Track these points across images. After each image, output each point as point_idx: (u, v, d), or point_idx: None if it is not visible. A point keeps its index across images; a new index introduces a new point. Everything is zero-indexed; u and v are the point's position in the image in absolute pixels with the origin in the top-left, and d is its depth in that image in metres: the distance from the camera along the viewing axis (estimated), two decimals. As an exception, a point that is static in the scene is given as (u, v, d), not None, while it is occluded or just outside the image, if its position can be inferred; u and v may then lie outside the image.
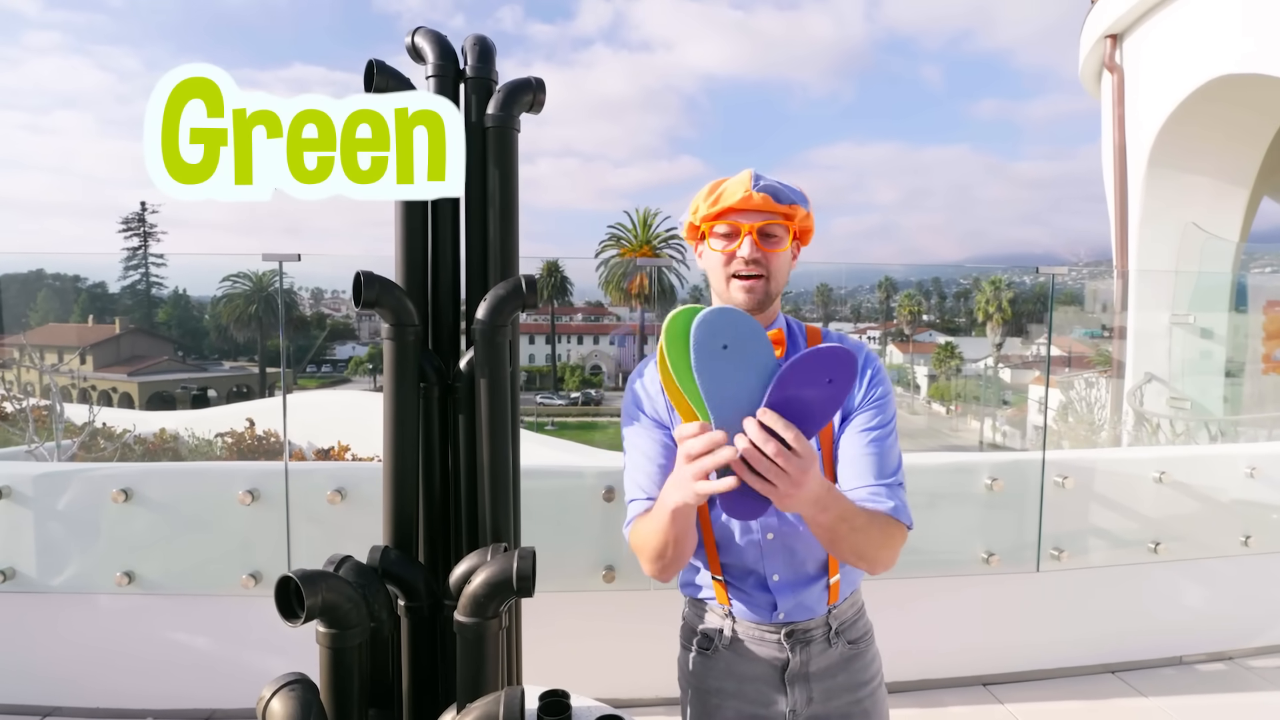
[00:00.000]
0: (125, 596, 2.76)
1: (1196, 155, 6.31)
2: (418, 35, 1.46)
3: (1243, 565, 3.32)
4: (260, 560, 2.74)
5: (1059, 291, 3.53)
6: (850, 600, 1.34)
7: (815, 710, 1.29)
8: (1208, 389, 6.24)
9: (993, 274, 39.52)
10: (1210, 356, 6.19)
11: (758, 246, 1.19)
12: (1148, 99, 6.52)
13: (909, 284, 74.28)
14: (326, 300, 73.67)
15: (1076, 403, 8.09)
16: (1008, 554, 3.05)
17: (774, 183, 1.20)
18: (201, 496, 2.75)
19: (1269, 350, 6.10)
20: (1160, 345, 6.28)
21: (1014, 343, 42.49)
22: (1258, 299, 6.25)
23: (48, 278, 36.31)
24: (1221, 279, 6.28)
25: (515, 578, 1.03)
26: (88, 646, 2.81)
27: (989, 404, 19.30)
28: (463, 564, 1.24)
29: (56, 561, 2.74)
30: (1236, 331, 6.41)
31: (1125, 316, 6.58)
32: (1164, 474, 3.20)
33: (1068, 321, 10.94)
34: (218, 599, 2.78)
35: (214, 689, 2.81)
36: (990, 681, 3.10)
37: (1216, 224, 6.39)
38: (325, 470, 2.75)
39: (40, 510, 2.74)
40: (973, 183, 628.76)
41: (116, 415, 5.95)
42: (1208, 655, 3.32)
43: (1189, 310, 6.10)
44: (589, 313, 57.88)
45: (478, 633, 1.06)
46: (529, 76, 1.43)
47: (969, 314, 57.65)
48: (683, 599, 1.44)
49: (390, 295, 1.26)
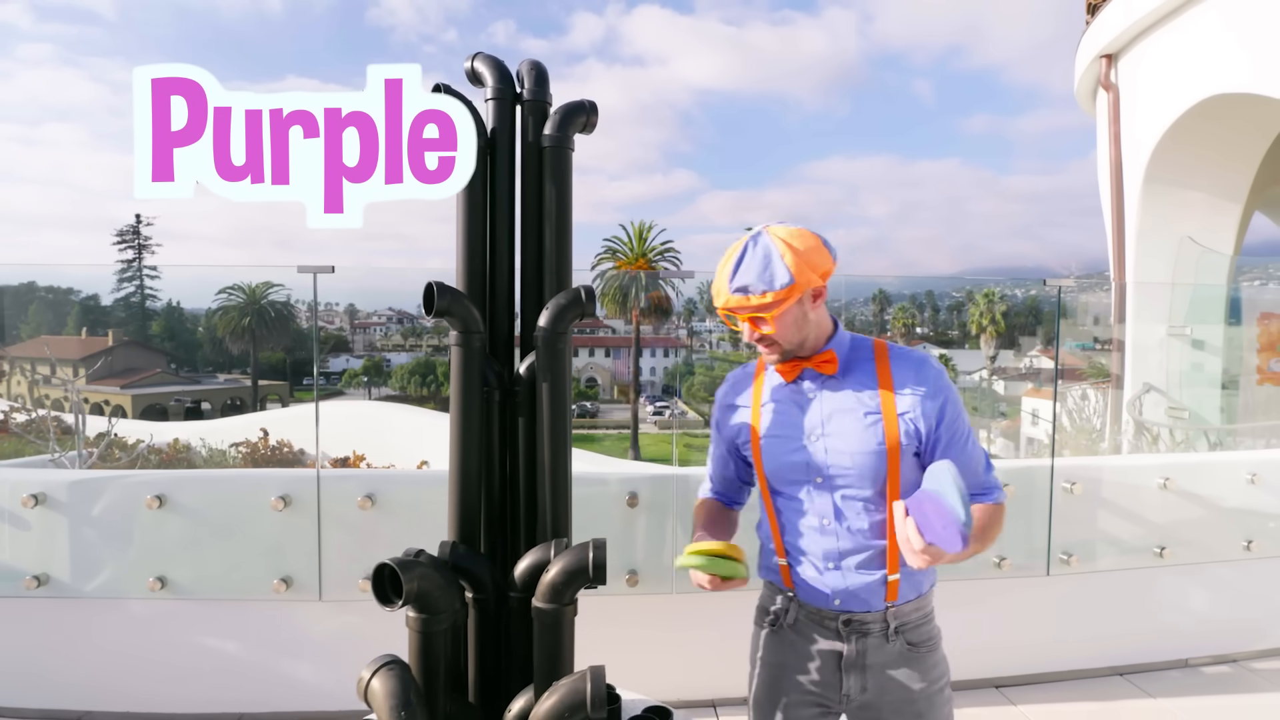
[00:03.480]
0: (157, 602, 2.81)
1: (1191, 171, 6.47)
2: (476, 60, 1.55)
3: (1245, 569, 3.40)
4: (291, 565, 2.79)
5: (1051, 305, 3.62)
6: (916, 604, 1.42)
7: (869, 699, 1.38)
8: (1204, 400, 6.36)
9: (986, 286, 39.76)
10: (1204, 368, 6.31)
11: (753, 330, 1.38)
12: (1143, 117, 6.69)
13: (903, 297, 74.62)
14: (322, 313, 73.71)
15: (1074, 413, 8.20)
16: (1019, 559, 3.13)
17: (748, 279, 1.34)
18: (233, 502, 2.81)
19: (1263, 362, 6.22)
20: (1156, 357, 6.41)
21: (1007, 355, 42.71)
22: (1251, 312, 6.38)
23: (40, 290, 36.18)
24: (1216, 291, 6.42)
25: (591, 567, 1.11)
26: (120, 651, 2.85)
27: (984, 414, 19.39)
28: (528, 557, 1.31)
29: (90, 567, 2.80)
30: (1231, 344, 6.53)
31: (1123, 329, 6.71)
32: (1168, 480, 3.29)
33: (1060, 334, 11.05)
34: (249, 604, 2.83)
35: (244, 693, 2.86)
36: (1003, 684, 3.17)
37: (1211, 238, 6.54)
38: (356, 477, 2.82)
39: (74, 516, 2.79)
40: (965, 196, 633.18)
41: (130, 426, 6.00)
42: (1213, 658, 3.39)
43: (1185, 323, 6.23)
44: (584, 325, 57.91)
45: (555, 618, 1.13)
46: (583, 100, 1.52)
47: (962, 327, 57.93)
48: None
49: (459, 304, 1.33)
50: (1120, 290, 6.76)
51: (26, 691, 2.86)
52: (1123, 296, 6.70)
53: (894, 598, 1.39)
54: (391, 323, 75.32)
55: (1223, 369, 6.43)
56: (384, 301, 74.96)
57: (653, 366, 37.21)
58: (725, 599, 2.85)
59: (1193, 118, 6.04)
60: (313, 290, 2.90)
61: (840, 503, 1.39)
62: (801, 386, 1.42)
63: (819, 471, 1.38)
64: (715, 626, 2.72)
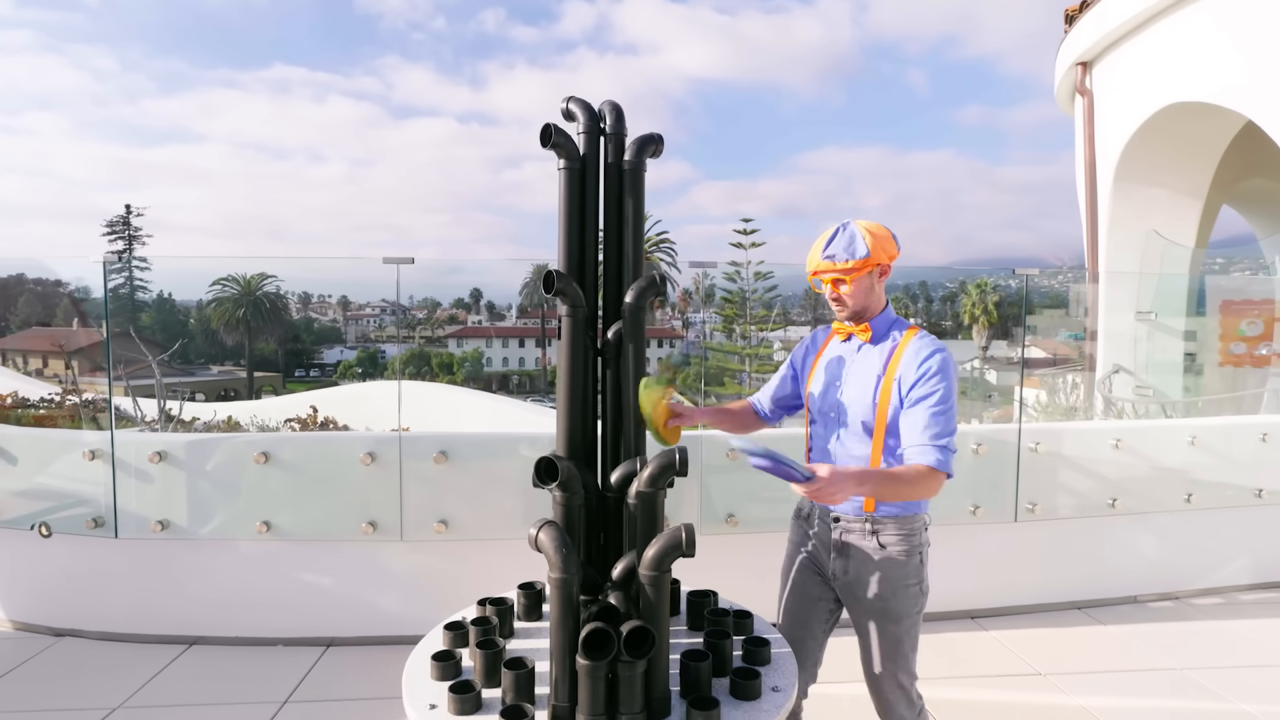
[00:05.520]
0: (262, 543, 3.31)
1: (1156, 170, 7.06)
2: (570, 103, 2.04)
3: (1186, 519, 3.95)
4: (376, 512, 3.29)
5: (1045, 296, 4.15)
6: (897, 521, 1.88)
7: (850, 580, 1.91)
8: (1170, 380, 6.94)
9: (979, 277, 40.30)
10: (1169, 351, 6.88)
11: (833, 290, 1.90)
12: (1114, 120, 7.24)
13: (896, 287, 74.95)
14: (313, 305, 73.81)
15: (1062, 394, 8.71)
16: (991, 508, 3.66)
17: (836, 250, 1.86)
18: (328, 459, 3.31)
19: (1224, 345, 6.78)
20: (1127, 341, 6.99)
21: (1000, 345, 43.22)
22: (1215, 299, 6.93)
23: (29, 282, 36.15)
24: (1180, 281, 7.00)
25: (678, 463, 1.62)
26: (229, 585, 3.35)
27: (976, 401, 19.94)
28: (621, 467, 1.82)
29: (204, 513, 3.29)
30: (1197, 330, 7.10)
31: (1096, 316, 7.29)
32: (1119, 442, 3.83)
33: (1053, 324, 11.56)
34: (340, 544, 3.33)
35: (334, 621, 3.37)
36: (977, 615, 3.71)
37: (1174, 231, 7.14)
38: (431, 437, 3.31)
39: (191, 471, 3.29)
40: (958, 188, 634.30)
41: (187, 407, 6.48)
42: (1158, 595, 3.95)
43: (1151, 309, 6.80)
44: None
45: (652, 499, 1.63)
46: (652, 133, 2.02)
47: (955, 317, 58.39)
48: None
49: (570, 286, 1.83)
50: (1094, 280, 7.33)
51: (150, 621, 3.36)
52: (1096, 285, 7.28)
53: (871, 509, 1.88)
54: (384, 314, 75.32)
55: (1188, 352, 7.00)
56: (377, 294, 74.98)
57: (648, 358, 37.90)
58: (747, 547, 3.33)
59: (1157, 122, 6.61)
60: (396, 284, 3.37)
61: (843, 434, 1.91)
62: (847, 347, 1.97)
63: (835, 409, 1.92)
64: (738, 561, 3.20)
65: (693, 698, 1.50)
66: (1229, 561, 4.06)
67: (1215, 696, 2.98)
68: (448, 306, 69.78)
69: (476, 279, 75.73)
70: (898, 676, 1.93)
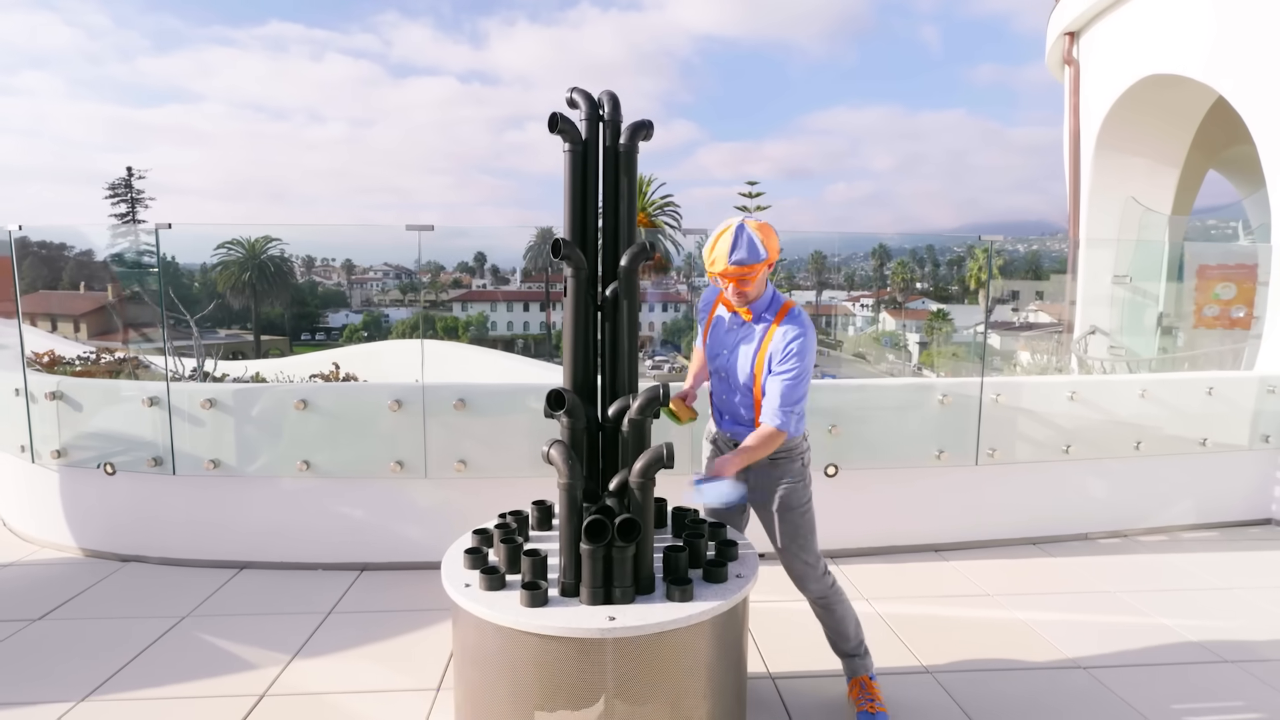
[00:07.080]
0: (302, 479, 3.73)
1: (1135, 139, 7.33)
2: (573, 93, 2.39)
3: (1135, 465, 4.34)
4: (403, 452, 3.70)
5: (1054, 260, 4.46)
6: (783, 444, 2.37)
7: (752, 484, 2.40)
8: (1144, 341, 7.29)
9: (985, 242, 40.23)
10: (1145, 312, 7.23)
11: (738, 286, 2.26)
12: (1097, 89, 7.49)
13: (903, 251, 74.51)
14: (317, 269, 73.92)
15: (1044, 355, 9.07)
16: (954, 452, 4.04)
17: (742, 255, 2.21)
18: (360, 406, 3.71)
19: (1199, 308, 7.12)
20: (1104, 304, 7.33)
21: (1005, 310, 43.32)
22: (1192, 265, 7.25)
23: (33, 245, 36.47)
24: (1156, 247, 7.30)
25: (662, 395, 2.01)
26: (272, 517, 3.78)
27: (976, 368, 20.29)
28: (617, 403, 2.21)
29: (250, 453, 3.71)
30: (1174, 294, 7.44)
31: (1075, 281, 7.62)
32: (1074, 394, 4.20)
33: (1060, 290, 11.84)
34: (371, 481, 3.75)
35: (366, 548, 3.80)
36: (940, 548, 4.13)
37: (1152, 199, 7.42)
38: (451, 387, 3.71)
39: (239, 416, 3.69)
40: (969, 149, 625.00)
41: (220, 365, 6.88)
42: (1108, 533, 4.35)
43: (1128, 273, 7.13)
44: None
45: (641, 425, 2.03)
46: (644, 119, 2.36)
47: (961, 281, 58.25)
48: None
49: (574, 251, 2.20)
50: (1074, 245, 7.63)
51: (203, 546, 3.80)
52: (1076, 250, 7.59)
53: None
54: (388, 278, 75.35)
55: (1163, 314, 7.34)
56: (380, 256, 74.83)
57: (651, 321, 38.12)
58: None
59: (1137, 92, 6.86)
60: (418, 246, 3.72)
61: (733, 392, 2.40)
62: (735, 319, 2.40)
63: (726, 370, 2.40)
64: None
65: (672, 578, 1.91)
66: (1175, 503, 4.47)
67: (1139, 613, 3.40)
68: (452, 270, 69.88)
69: (480, 243, 75.56)
70: (801, 556, 2.42)
